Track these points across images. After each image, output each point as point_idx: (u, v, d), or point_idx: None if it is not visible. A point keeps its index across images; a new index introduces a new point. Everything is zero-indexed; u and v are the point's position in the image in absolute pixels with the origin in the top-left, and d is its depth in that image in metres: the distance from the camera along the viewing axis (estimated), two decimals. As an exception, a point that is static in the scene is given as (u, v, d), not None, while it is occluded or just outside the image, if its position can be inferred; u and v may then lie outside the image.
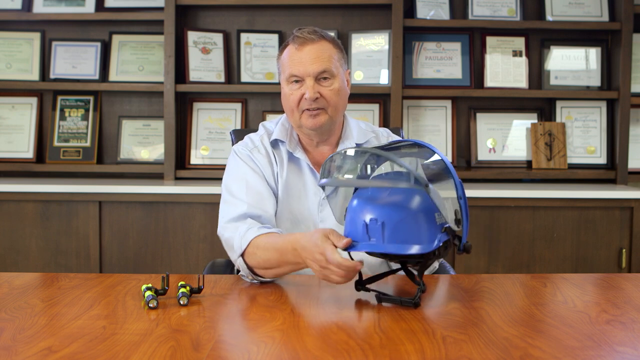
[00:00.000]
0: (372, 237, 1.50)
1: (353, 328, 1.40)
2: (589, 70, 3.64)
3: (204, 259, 3.21)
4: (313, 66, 1.89)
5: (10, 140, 3.66)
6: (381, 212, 1.50)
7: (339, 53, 1.95)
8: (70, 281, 1.77)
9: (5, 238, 3.26)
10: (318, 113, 1.91)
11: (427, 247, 1.49)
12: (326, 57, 1.90)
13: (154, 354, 1.24)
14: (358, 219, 1.53)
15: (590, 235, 3.23)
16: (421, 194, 1.52)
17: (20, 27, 3.69)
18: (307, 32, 1.91)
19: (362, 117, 3.58)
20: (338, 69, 1.93)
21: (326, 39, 1.93)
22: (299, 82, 1.91)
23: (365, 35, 3.61)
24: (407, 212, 1.50)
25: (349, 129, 2.02)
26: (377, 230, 1.50)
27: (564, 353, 1.26)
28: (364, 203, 1.54)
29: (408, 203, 1.51)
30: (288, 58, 1.92)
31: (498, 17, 3.60)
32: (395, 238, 1.49)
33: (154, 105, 3.70)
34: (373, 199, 1.53)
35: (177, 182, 3.46)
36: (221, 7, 3.66)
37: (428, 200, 1.51)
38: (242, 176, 1.96)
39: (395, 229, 1.49)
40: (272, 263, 1.75)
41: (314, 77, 1.89)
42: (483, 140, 3.65)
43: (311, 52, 1.89)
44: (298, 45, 1.90)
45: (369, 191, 1.56)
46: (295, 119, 1.94)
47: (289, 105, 1.93)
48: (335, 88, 1.92)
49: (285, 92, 1.94)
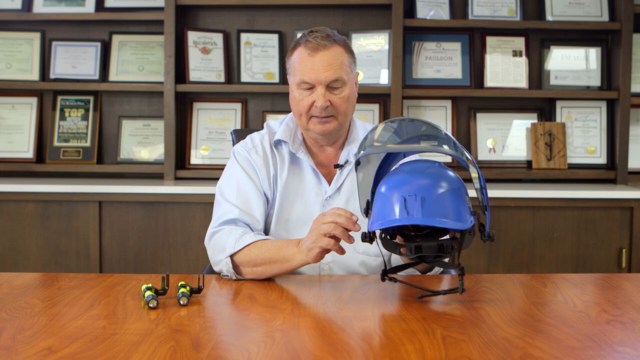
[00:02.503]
0: (410, 212, 1.49)
1: (353, 328, 1.40)
2: (589, 70, 3.64)
3: (204, 259, 3.21)
4: (325, 74, 1.87)
5: (10, 140, 3.66)
6: (419, 188, 1.50)
7: (350, 57, 1.94)
8: (70, 281, 1.77)
9: (5, 238, 3.26)
10: (328, 120, 1.90)
11: (464, 224, 1.50)
12: (338, 65, 1.89)
13: (154, 354, 1.24)
14: (393, 197, 1.51)
15: (590, 235, 3.23)
16: (453, 175, 1.54)
17: (20, 27, 3.69)
18: (320, 37, 1.89)
19: (362, 117, 3.58)
20: (349, 74, 1.92)
21: (338, 43, 1.91)
22: (309, 89, 1.89)
23: (365, 35, 3.61)
24: (445, 189, 1.51)
25: (355, 131, 2.01)
26: (416, 205, 1.48)
27: (564, 353, 1.26)
28: (399, 182, 1.53)
29: (444, 180, 1.52)
30: (299, 63, 1.90)
31: (498, 17, 3.60)
32: (434, 212, 1.49)
33: (154, 105, 3.70)
34: (406, 180, 1.53)
35: (177, 182, 3.46)
36: (221, 7, 3.66)
37: (460, 181, 1.54)
38: (235, 179, 1.97)
39: (434, 203, 1.49)
40: (265, 260, 1.78)
41: (325, 85, 1.88)
42: (483, 140, 3.65)
43: (324, 59, 1.87)
44: (310, 51, 1.88)
45: (400, 175, 1.55)
46: (303, 123, 1.93)
47: (297, 109, 1.92)
48: (346, 95, 1.91)
49: (295, 96, 1.92)
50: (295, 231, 1.95)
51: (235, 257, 1.81)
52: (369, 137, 1.58)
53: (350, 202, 1.95)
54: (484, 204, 1.55)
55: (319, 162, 2.00)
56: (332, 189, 1.96)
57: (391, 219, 1.50)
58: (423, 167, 1.56)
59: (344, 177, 1.97)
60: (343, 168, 1.97)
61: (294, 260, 1.75)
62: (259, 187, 1.95)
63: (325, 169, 1.99)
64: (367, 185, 1.62)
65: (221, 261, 1.83)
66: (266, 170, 1.97)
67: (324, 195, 1.96)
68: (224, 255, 1.82)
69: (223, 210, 1.92)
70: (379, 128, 1.58)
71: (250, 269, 1.80)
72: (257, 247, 1.80)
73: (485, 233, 1.55)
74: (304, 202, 1.97)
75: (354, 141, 1.99)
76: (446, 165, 1.60)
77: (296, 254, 1.74)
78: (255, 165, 1.97)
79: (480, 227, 1.55)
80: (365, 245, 1.93)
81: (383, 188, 1.55)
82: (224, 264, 1.82)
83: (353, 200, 1.95)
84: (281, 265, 1.77)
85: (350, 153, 1.98)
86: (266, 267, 1.79)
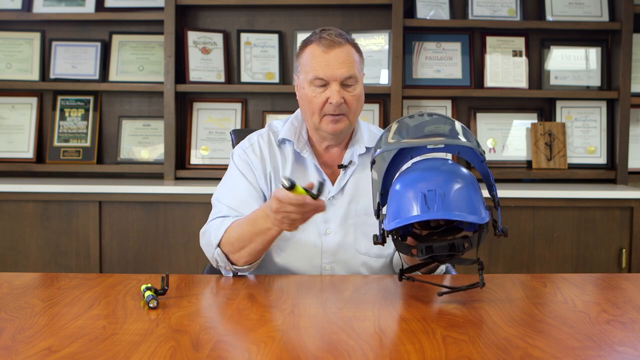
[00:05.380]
0: (430, 207, 1.49)
1: (353, 328, 1.40)
2: (589, 70, 3.64)
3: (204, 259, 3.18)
4: (340, 71, 1.87)
5: (10, 140, 3.66)
6: (438, 184, 1.50)
7: (359, 57, 1.94)
8: (70, 281, 1.77)
9: (5, 238, 3.26)
10: (340, 119, 1.90)
11: (483, 218, 1.51)
12: (351, 62, 1.89)
13: (154, 354, 1.24)
14: (411, 194, 1.50)
15: (590, 235, 3.23)
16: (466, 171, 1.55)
17: (20, 27, 3.69)
18: (334, 34, 1.89)
19: (362, 117, 3.58)
20: (359, 73, 1.93)
21: (350, 42, 1.92)
22: (323, 86, 1.89)
23: (365, 35, 3.61)
24: (462, 184, 1.51)
25: (360, 132, 2.01)
26: (436, 200, 1.48)
27: (564, 353, 1.26)
28: (415, 179, 1.53)
29: (460, 176, 1.53)
30: (312, 59, 1.89)
31: (498, 17, 3.60)
32: (454, 207, 1.49)
33: (154, 105, 3.70)
34: (422, 177, 1.53)
35: (177, 182, 3.46)
36: (221, 7, 3.66)
37: (473, 177, 1.55)
38: (230, 180, 1.98)
39: (454, 198, 1.49)
40: (246, 237, 1.78)
41: (340, 82, 1.88)
42: (483, 140, 3.65)
43: (338, 56, 1.87)
44: (325, 47, 1.88)
45: (415, 173, 1.55)
46: (314, 122, 1.92)
47: (310, 107, 1.91)
48: (357, 93, 1.91)
49: (306, 94, 1.91)
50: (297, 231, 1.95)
51: (221, 246, 1.84)
52: (384, 137, 1.58)
53: (353, 203, 1.95)
54: (495, 200, 1.57)
55: (323, 162, 1.99)
56: (335, 189, 1.96)
57: (411, 216, 1.50)
58: (437, 164, 1.57)
59: (348, 177, 1.97)
60: (347, 169, 1.97)
61: (272, 231, 1.75)
62: (254, 185, 1.95)
63: (329, 169, 1.99)
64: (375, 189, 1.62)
65: (213, 255, 1.86)
66: (262, 167, 1.97)
67: (327, 195, 1.96)
68: (212, 248, 1.85)
69: (215, 211, 1.96)
70: (393, 126, 1.59)
71: (237, 253, 1.82)
72: (233, 229, 1.82)
73: (498, 229, 1.56)
74: (307, 201, 1.97)
75: (358, 142, 1.98)
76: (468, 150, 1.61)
77: (270, 229, 1.74)
78: (251, 163, 1.97)
79: (493, 223, 1.57)
80: (367, 246, 1.93)
81: (398, 186, 1.54)
82: (217, 257, 1.85)
83: (356, 200, 1.95)
84: (262, 238, 1.77)
85: (354, 154, 1.97)
86: (250, 246, 1.79)
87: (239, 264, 1.84)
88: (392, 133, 1.57)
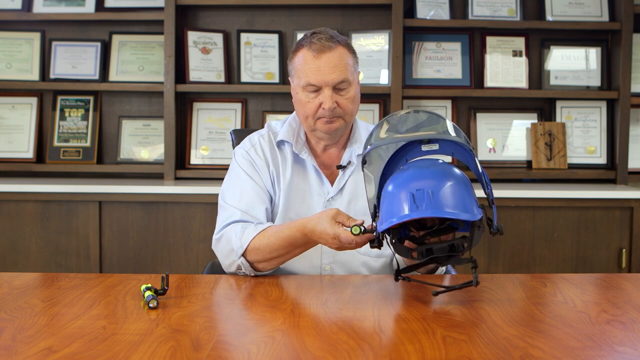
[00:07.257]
0: (419, 206, 1.49)
1: (353, 328, 1.40)
2: (589, 70, 3.64)
3: (204, 259, 3.21)
4: (332, 76, 1.86)
5: (10, 140, 3.66)
6: (427, 183, 1.51)
7: (353, 57, 1.93)
8: (70, 281, 1.77)
9: (5, 238, 3.26)
10: (334, 120, 1.90)
11: (474, 215, 1.50)
12: (343, 65, 1.88)
13: (154, 354, 1.24)
14: (402, 194, 1.51)
15: (590, 235, 3.23)
16: (457, 171, 1.56)
17: (20, 27, 3.69)
18: (324, 38, 1.88)
19: (362, 117, 3.58)
20: (353, 74, 1.91)
21: (341, 44, 1.90)
22: (315, 91, 1.89)
23: (365, 35, 3.61)
24: (452, 182, 1.51)
25: (357, 131, 2.01)
26: (425, 199, 1.49)
27: (564, 353, 1.26)
28: (406, 180, 1.53)
29: (450, 175, 1.53)
30: (304, 64, 1.89)
31: (498, 17, 3.60)
32: (443, 205, 1.49)
33: (154, 105, 3.70)
34: (412, 177, 1.53)
35: (177, 182, 3.46)
36: (221, 7, 3.66)
37: (465, 176, 1.55)
38: (236, 181, 1.97)
39: (443, 196, 1.49)
40: (281, 252, 1.80)
41: (332, 87, 1.87)
42: (483, 140, 3.65)
43: (329, 61, 1.87)
44: (316, 52, 1.87)
45: (406, 173, 1.56)
46: (309, 125, 1.93)
47: (304, 112, 1.91)
48: (351, 96, 1.91)
49: (300, 99, 1.91)
50: None
51: (247, 256, 1.82)
52: (374, 134, 1.59)
53: (352, 204, 1.95)
54: (490, 199, 1.56)
55: (322, 163, 1.99)
56: (334, 190, 1.96)
57: (400, 215, 1.50)
58: (427, 164, 1.57)
59: (347, 178, 1.97)
60: (345, 169, 1.97)
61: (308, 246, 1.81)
62: (261, 185, 1.95)
63: (328, 170, 1.99)
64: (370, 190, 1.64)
65: (234, 263, 1.85)
66: (266, 168, 1.97)
67: (326, 196, 1.96)
68: (235, 256, 1.83)
69: (226, 214, 1.93)
70: (383, 123, 1.59)
71: (266, 262, 1.83)
72: (263, 239, 1.81)
73: (493, 227, 1.55)
74: (307, 203, 1.97)
75: (357, 142, 1.98)
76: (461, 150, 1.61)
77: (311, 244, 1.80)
78: (255, 164, 1.97)
79: (488, 221, 1.56)
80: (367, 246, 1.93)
81: (390, 187, 1.55)
82: (240, 264, 1.84)
83: (355, 201, 1.95)
84: (295, 253, 1.82)
85: (352, 154, 1.97)
86: (280, 259, 1.83)
87: (265, 270, 1.86)
88: (382, 130, 1.58)
